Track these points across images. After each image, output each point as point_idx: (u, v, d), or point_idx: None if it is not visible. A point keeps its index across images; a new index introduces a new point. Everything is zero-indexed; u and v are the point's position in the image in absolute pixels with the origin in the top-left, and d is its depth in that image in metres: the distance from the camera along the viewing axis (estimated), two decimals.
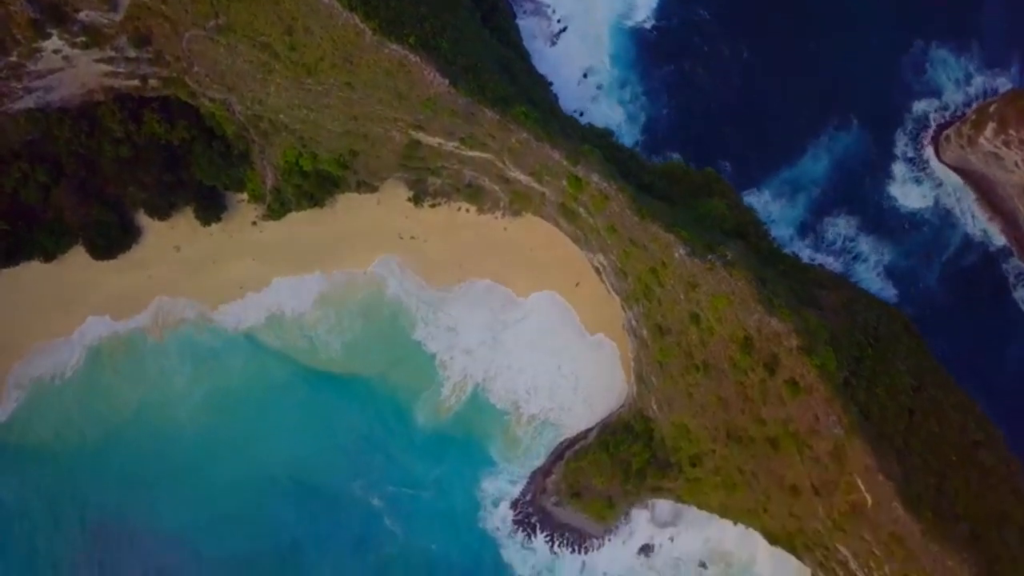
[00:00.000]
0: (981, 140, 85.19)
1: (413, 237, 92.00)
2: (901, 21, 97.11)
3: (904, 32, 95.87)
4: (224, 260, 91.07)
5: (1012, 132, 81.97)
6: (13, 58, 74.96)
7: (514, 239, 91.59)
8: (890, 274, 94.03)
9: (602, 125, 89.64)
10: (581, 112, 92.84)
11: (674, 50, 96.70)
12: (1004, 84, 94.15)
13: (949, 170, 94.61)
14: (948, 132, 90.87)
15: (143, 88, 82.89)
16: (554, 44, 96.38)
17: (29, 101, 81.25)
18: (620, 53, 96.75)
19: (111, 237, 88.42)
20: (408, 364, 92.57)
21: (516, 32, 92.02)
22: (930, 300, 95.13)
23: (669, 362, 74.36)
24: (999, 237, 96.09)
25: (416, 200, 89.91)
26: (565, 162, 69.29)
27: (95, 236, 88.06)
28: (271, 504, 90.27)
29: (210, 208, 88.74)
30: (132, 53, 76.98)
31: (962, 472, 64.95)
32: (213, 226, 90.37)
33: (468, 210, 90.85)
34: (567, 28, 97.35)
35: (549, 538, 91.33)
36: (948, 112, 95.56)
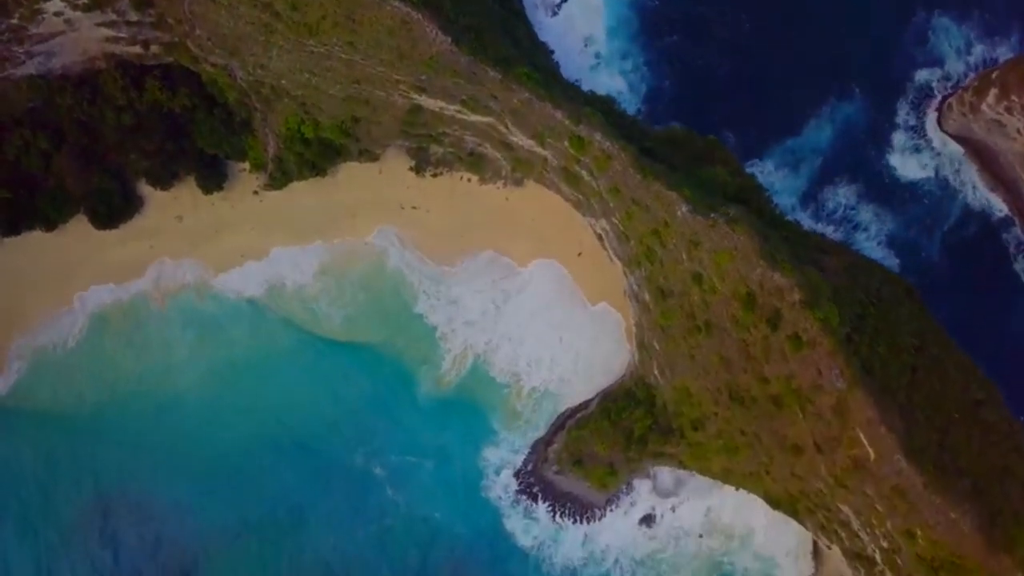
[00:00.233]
0: (983, 107, 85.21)
1: (415, 207, 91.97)
2: None
3: (907, 0, 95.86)
4: (226, 230, 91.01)
5: (1014, 98, 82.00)
6: (15, 20, 74.98)
7: (516, 209, 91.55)
8: (891, 244, 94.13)
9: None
10: (581, 81, 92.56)
11: (676, 20, 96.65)
12: (1005, 53, 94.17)
13: (951, 140, 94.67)
14: (950, 100, 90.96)
15: (145, 55, 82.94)
16: (555, 14, 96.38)
17: (31, 67, 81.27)
18: (621, 23, 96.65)
19: (113, 206, 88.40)
20: (409, 337, 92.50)
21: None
22: (931, 270, 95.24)
23: (671, 325, 74.40)
24: (1000, 207, 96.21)
25: (418, 170, 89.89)
26: (567, 122, 69.36)
27: (97, 204, 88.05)
28: (272, 472, 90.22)
29: (211, 177, 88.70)
30: (134, 16, 76.93)
31: (964, 429, 65.08)
32: (214, 196, 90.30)
33: (470, 180, 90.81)
34: None
35: (551, 508, 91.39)
36: (950, 83, 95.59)
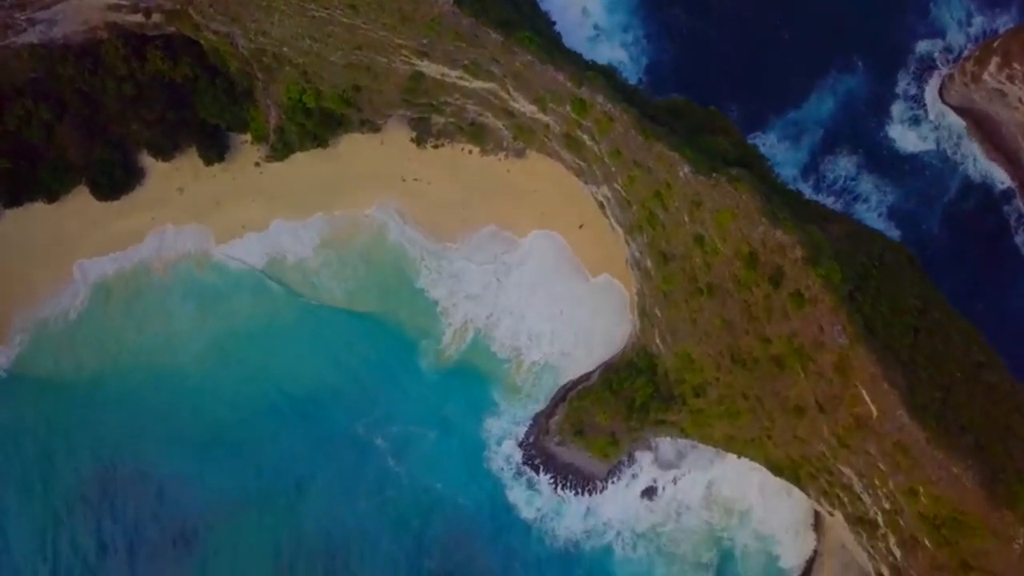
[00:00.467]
0: (985, 76, 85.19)
1: (416, 179, 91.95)
2: None
3: None
4: (227, 201, 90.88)
5: (1016, 66, 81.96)
6: None
7: (517, 181, 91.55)
8: (892, 215, 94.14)
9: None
10: (581, 54, 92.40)
11: None
12: (1005, 23, 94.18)
13: (952, 112, 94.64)
14: (952, 71, 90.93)
15: (146, 24, 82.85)
16: None
17: (32, 36, 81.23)
18: None
19: (114, 177, 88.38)
20: (410, 311, 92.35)
21: None
22: (932, 243, 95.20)
23: (673, 290, 74.45)
24: (1002, 179, 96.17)
25: (419, 141, 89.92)
26: (569, 84, 69.41)
27: (98, 175, 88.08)
28: (273, 443, 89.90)
29: (213, 148, 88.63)
30: None
31: (966, 389, 65.11)
32: (216, 167, 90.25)
33: (471, 151, 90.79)
34: None
35: (552, 480, 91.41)
36: (952, 55, 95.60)
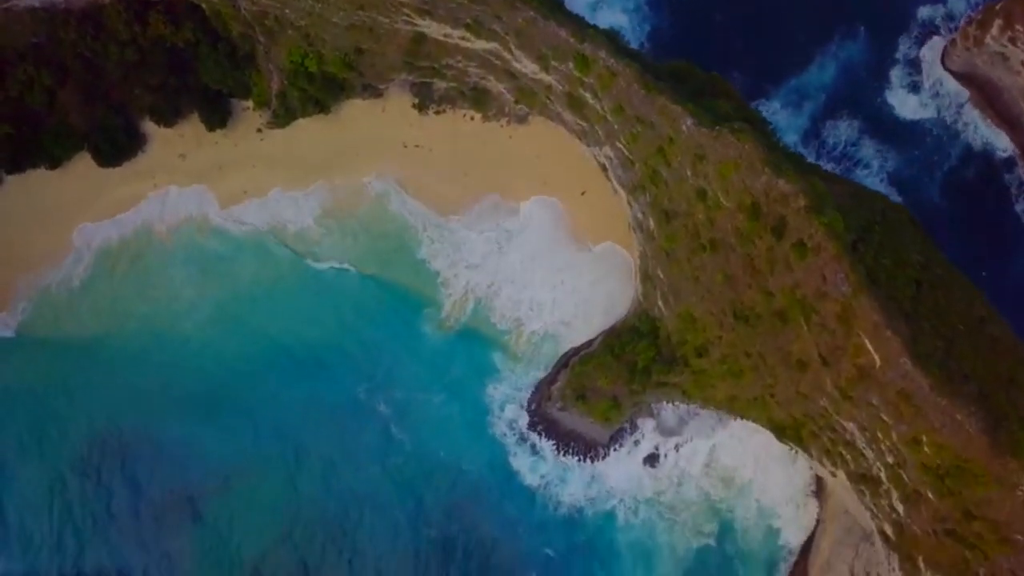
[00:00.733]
0: (987, 39, 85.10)
1: (418, 146, 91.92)
2: None
3: None
4: (229, 168, 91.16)
5: (1019, 27, 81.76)
6: None
7: (519, 148, 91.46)
8: (893, 181, 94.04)
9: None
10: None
11: None
12: None
13: (954, 78, 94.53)
14: (954, 36, 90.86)
15: None
16: None
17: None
18: None
19: (117, 142, 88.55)
20: (412, 280, 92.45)
21: None
22: (933, 210, 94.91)
23: (675, 248, 74.47)
24: (1003, 147, 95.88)
25: (420, 107, 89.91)
26: (572, 39, 69.42)
27: (100, 141, 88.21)
28: (275, 410, 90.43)
29: (215, 113, 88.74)
30: None
31: (969, 341, 65.14)
32: (218, 134, 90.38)
33: (473, 118, 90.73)
34: None
35: (555, 447, 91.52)
36: (953, 21, 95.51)
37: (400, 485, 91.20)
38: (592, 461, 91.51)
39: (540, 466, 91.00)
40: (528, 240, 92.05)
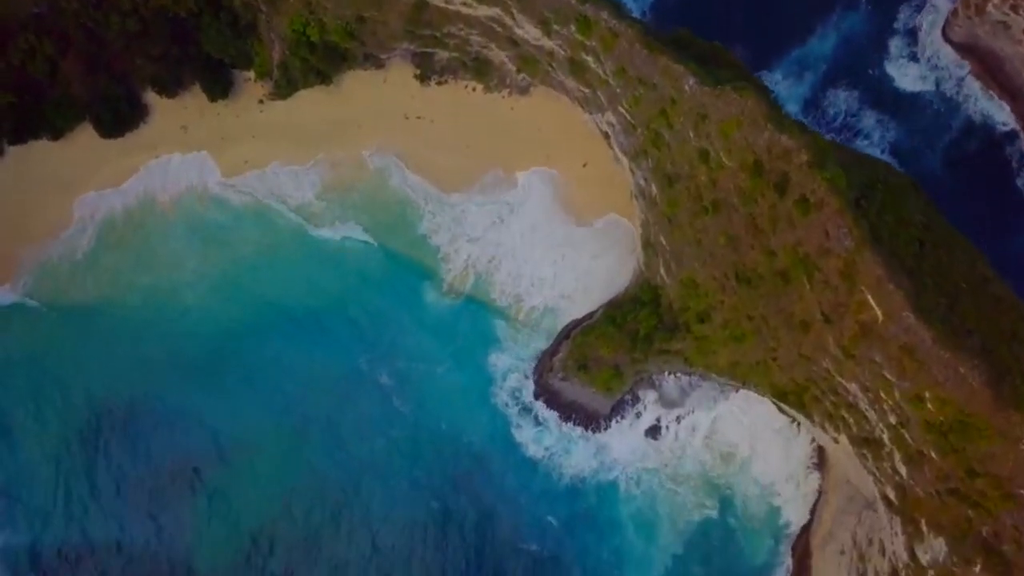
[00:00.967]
0: (989, 8, 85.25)
1: (419, 117, 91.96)
2: None
3: None
4: (230, 139, 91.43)
5: None
6: None
7: (521, 119, 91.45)
8: (894, 152, 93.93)
9: None
10: None
11: None
12: None
13: (954, 51, 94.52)
14: (955, 6, 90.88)
15: None
16: None
17: None
18: None
19: (119, 113, 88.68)
20: (414, 254, 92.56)
21: None
22: (934, 182, 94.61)
23: (678, 213, 74.50)
24: (1003, 121, 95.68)
25: (422, 78, 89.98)
26: (574, 1, 69.45)
27: (103, 112, 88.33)
28: (278, 384, 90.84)
29: (217, 83, 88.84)
30: None
31: (972, 299, 65.19)
32: (219, 105, 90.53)
33: (474, 88, 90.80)
34: None
35: (557, 418, 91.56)
36: None
37: (404, 457, 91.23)
38: (593, 432, 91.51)
39: (543, 437, 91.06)
40: (529, 213, 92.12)
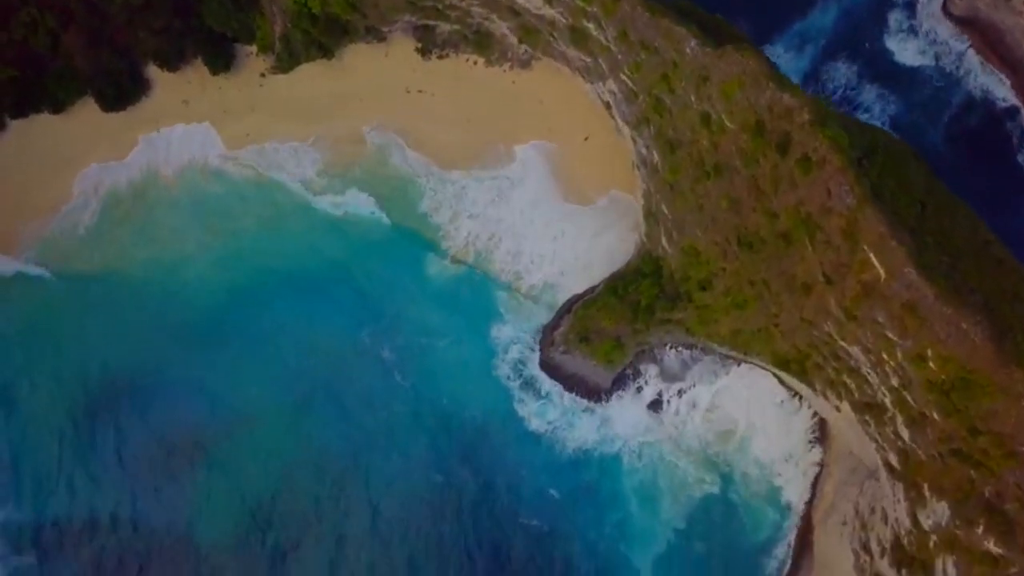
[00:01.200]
0: None
1: (420, 91, 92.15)
2: None
3: None
4: (232, 113, 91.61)
5: None
6: None
7: (522, 93, 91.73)
8: (894, 126, 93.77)
9: None
10: None
11: None
12: None
13: (954, 25, 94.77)
14: None
15: None
16: None
17: None
18: None
19: (121, 86, 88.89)
20: (415, 230, 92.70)
21: None
22: (935, 157, 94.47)
23: (679, 179, 74.64)
24: (1003, 96, 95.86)
25: (423, 52, 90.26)
26: None
27: (105, 85, 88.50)
28: (280, 358, 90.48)
29: (219, 57, 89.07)
30: None
31: (974, 260, 65.34)
32: (221, 79, 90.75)
33: (476, 62, 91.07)
34: None
35: (560, 391, 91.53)
36: None
37: (406, 432, 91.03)
38: (596, 404, 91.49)
39: (546, 410, 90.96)
40: (529, 188, 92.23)
